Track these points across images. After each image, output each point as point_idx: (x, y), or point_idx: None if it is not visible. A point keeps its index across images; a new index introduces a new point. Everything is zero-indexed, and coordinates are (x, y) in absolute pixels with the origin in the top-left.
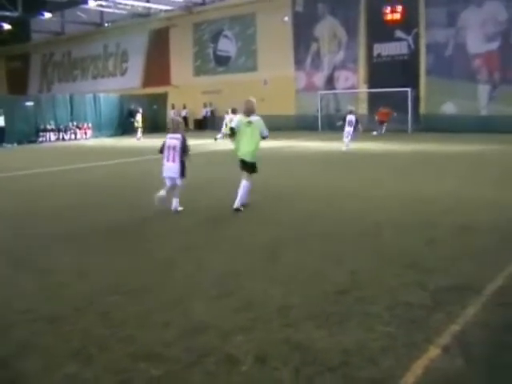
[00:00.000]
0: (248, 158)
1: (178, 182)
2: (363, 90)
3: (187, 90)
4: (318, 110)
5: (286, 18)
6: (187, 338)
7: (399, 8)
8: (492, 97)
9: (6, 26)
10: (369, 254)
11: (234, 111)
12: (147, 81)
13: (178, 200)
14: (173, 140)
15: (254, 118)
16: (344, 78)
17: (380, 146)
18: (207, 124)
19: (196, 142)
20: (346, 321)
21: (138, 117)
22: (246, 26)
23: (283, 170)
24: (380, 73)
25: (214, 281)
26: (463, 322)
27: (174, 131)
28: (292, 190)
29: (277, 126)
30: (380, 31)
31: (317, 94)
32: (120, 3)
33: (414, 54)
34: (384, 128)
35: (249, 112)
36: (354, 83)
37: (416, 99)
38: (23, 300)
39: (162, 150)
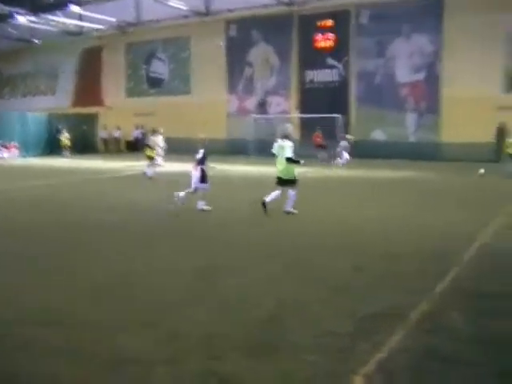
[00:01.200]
0: (283, 175)
1: (200, 186)
2: (295, 115)
3: (120, 111)
4: (249, 134)
5: (221, 43)
6: (110, 372)
7: (331, 36)
8: (419, 125)
9: None
10: (297, 281)
11: (154, 131)
12: (78, 100)
13: (202, 202)
14: (197, 154)
15: (285, 143)
16: (276, 104)
17: (312, 172)
18: (139, 146)
19: (125, 164)
20: (272, 350)
21: (63, 136)
22: (180, 49)
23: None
24: (312, 99)
25: (142, 310)
26: (388, 349)
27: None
28: (223, 213)
29: (208, 150)
30: (312, 58)
31: (248, 118)
32: (52, 20)
33: (345, 81)
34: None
35: (284, 137)
36: (286, 108)
37: (346, 125)
38: None
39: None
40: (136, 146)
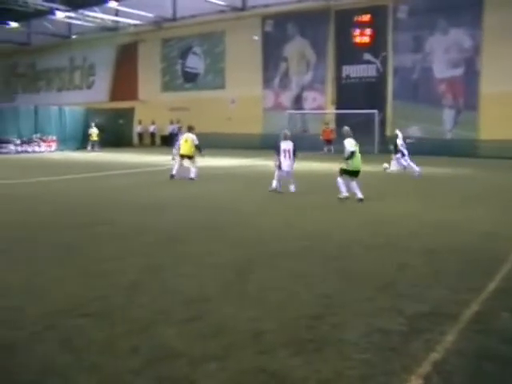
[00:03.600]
0: (359, 169)
1: (292, 171)
2: (331, 110)
3: (155, 106)
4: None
5: (256, 37)
6: (156, 365)
7: (368, 31)
8: (456, 121)
9: None
10: (339, 276)
11: (190, 129)
12: (114, 95)
13: (294, 185)
14: (287, 145)
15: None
16: (312, 99)
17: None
18: (174, 141)
19: (159, 159)
20: (322, 348)
21: (91, 130)
22: (215, 44)
23: (245, 189)
24: (348, 94)
25: (182, 304)
26: (442, 349)
27: (286, 139)
28: (254, 208)
29: (243, 145)
30: (349, 53)
31: (284, 113)
32: (88, 15)
33: (382, 77)
34: (332, 147)
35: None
36: (322, 104)
37: (383, 121)
38: None
39: (278, 153)
40: (171, 141)
